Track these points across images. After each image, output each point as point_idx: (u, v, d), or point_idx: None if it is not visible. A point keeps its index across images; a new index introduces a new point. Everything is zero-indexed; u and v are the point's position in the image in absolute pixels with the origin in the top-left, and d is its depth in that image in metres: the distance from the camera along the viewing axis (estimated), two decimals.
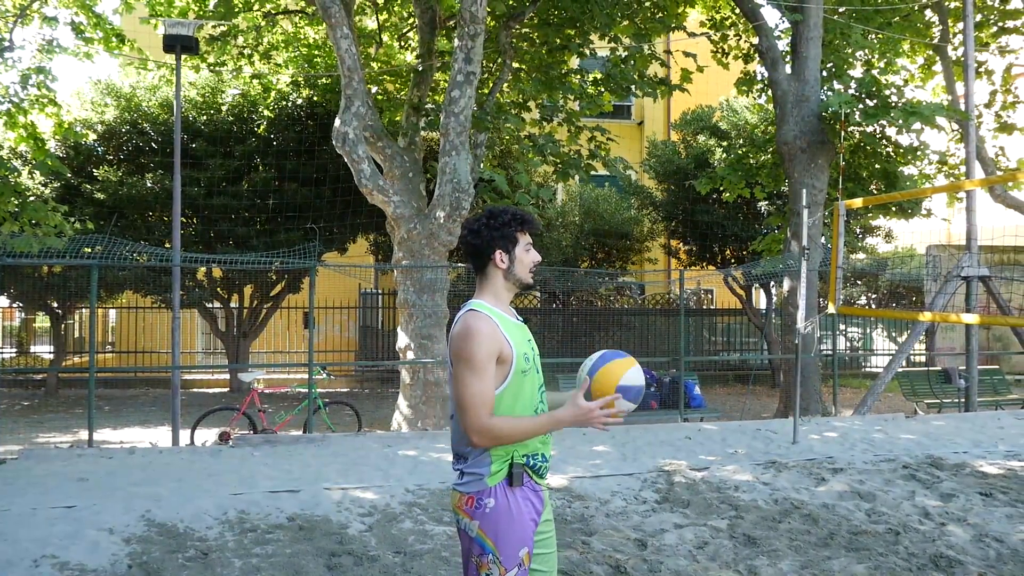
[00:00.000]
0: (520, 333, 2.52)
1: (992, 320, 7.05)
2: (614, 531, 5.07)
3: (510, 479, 2.40)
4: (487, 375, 2.36)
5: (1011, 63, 15.07)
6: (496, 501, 2.40)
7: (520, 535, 2.41)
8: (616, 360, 2.43)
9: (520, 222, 2.52)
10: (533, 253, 2.56)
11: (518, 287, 2.56)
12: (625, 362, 2.43)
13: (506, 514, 2.40)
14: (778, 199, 15.74)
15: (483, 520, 2.40)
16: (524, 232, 2.53)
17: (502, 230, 2.50)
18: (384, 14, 12.99)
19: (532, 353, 2.52)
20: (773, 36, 11.34)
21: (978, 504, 5.69)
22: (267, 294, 15.37)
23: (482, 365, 2.36)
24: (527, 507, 2.44)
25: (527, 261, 2.53)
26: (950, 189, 8.96)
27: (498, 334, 2.41)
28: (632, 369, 2.42)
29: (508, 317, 2.51)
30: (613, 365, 2.41)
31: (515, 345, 2.43)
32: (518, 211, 2.54)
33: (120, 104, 13.64)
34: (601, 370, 2.40)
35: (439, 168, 9.03)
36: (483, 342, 2.36)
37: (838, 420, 9.69)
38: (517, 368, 2.43)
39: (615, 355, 2.46)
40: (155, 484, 6.01)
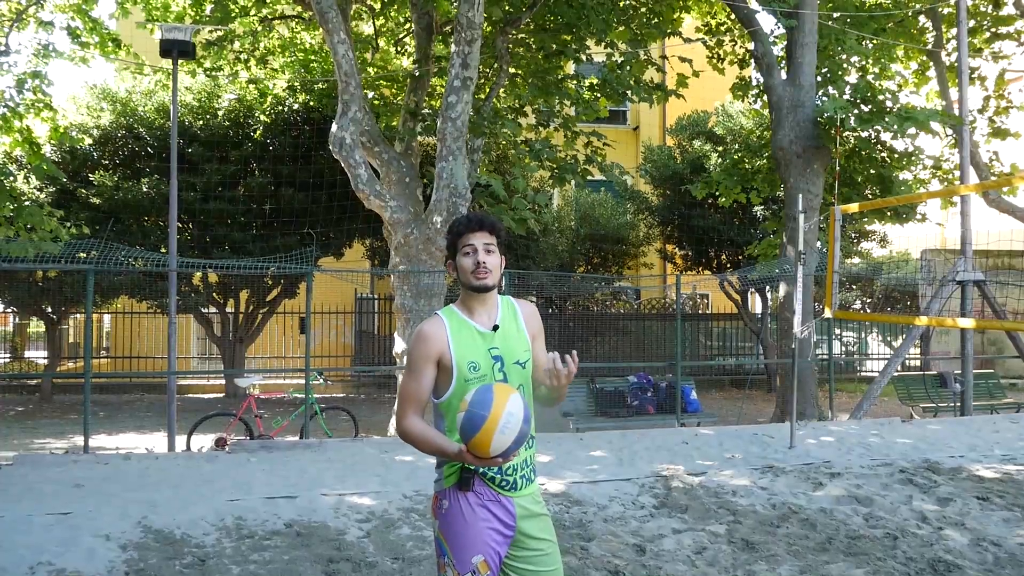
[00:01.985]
0: (480, 341, 2.50)
1: (988, 324, 7.08)
2: (612, 536, 5.06)
3: (459, 483, 2.43)
4: (420, 376, 2.45)
5: (1004, 69, 15.16)
6: (450, 504, 2.44)
7: (474, 541, 2.39)
8: (479, 432, 2.22)
9: (452, 231, 2.58)
10: (471, 257, 2.52)
11: (471, 290, 2.54)
12: (486, 429, 2.21)
13: (459, 518, 2.41)
14: (773, 204, 15.78)
15: (441, 521, 2.46)
16: (461, 237, 2.54)
17: (448, 240, 2.61)
18: (381, 19, 13.00)
19: (489, 363, 2.48)
20: (768, 42, 11.38)
21: (975, 508, 5.70)
22: (263, 299, 15.33)
23: (417, 365, 2.46)
24: (484, 514, 2.42)
25: (465, 265, 2.53)
26: (946, 194, 8.99)
27: (442, 340, 2.46)
28: (497, 433, 2.22)
29: (469, 323, 2.52)
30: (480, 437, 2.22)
31: (457, 353, 2.45)
32: (456, 219, 2.61)
33: (116, 109, 13.62)
34: (470, 443, 2.25)
35: (436, 173, 9.04)
36: (421, 344, 2.46)
37: (834, 424, 9.71)
38: (459, 375, 2.44)
39: (473, 422, 2.23)
40: (151, 490, 5.98)
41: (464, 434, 2.27)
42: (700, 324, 18.87)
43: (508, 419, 2.24)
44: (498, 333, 2.54)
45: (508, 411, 2.25)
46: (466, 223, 2.55)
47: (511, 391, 2.33)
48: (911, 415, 11.32)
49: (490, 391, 2.30)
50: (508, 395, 2.29)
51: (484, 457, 2.28)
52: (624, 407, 10.23)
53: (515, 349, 2.57)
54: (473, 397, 2.29)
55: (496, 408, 2.24)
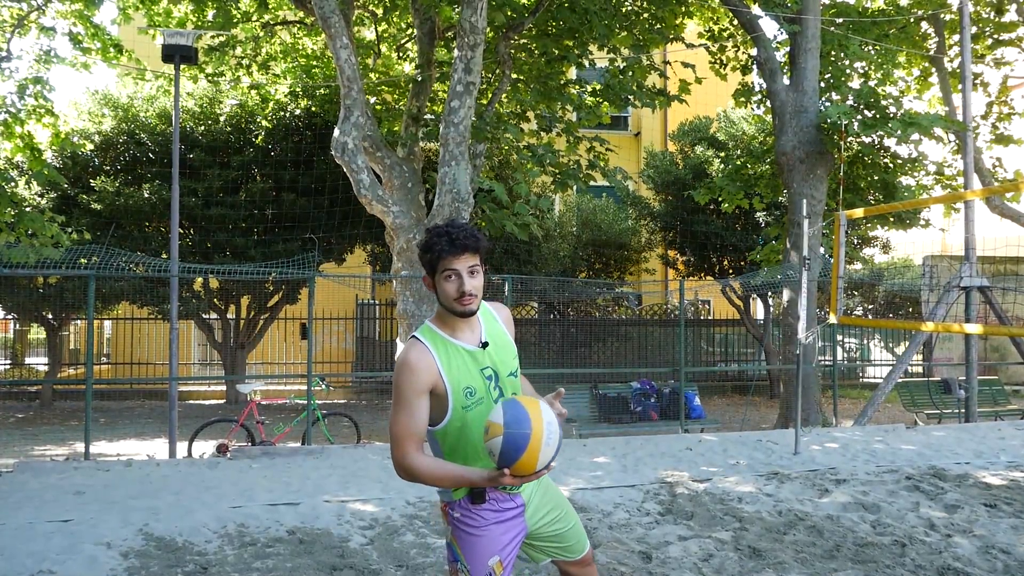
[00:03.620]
0: (471, 362, 2.34)
1: (996, 331, 7.04)
2: (618, 543, 5.02)
3: (472, 496, 2.37)
4: (413, 410, 2.25)
5: (1006, 75, 15.15)
6: (461, 513, 2.40)
7: (488, 546, 2.38)
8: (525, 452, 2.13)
9: (430, 250, 2.29)
10: (453, 282, 2.29)
11: (456, 315, 2.34)
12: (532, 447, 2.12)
13: (472, 527, 2.39)
14: (776, 210, 15.76)
15: (454, 528, 2.42)
16: (441, 260, 2.28)
17: (422, 256, 2.33)
18: (383, 25, 13.01)
19: (483, 384, 2.34)
20: (771, 47, 11.37)
21: (983, 515, 5.65)
22: (264, 305, 15.30)
23: (408, 400, 2.25)
24: (496, 516, 2.40)
25: (447, 291, 2.30)
26: (952, 199, 8.97)
27: (432, 370, 2.27)
28: (543, 447, 2.14)
29: (457, 344, 2.34)
30: (526, 457, 2.13)
31: (451, 381, 2.29)
32: (436, 236, 2.29)
33: (117, 115, 13.61)
34: (515, 466, 2.15)
35: (438, 178, 9.01)
36: (411, 376, 2.25)
37: (838, 431, 9.65)
38: (456, 404, 2.30)
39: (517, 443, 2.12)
40: (153, 497, 5.94)
41: (507, 456, 2.13)
42: (702, 330, 18.82)
43: (549, 429, 2.17)
44: (488, 350, 2.40)
45: (547, 421, 2.17)
46: (449, 247, 2.26)
47: (535, 401, 2.23)
48: (915, 421, 11.28)
49: (520, 406, 2.18)
50: (538, 406, 2.20)
51: (529, 474, 2.17)
52: (627, 413, 10.18)
53: (505, 361, 2.45)
54: (507, 418, 2.14)
55: (535, 422, 2.15)
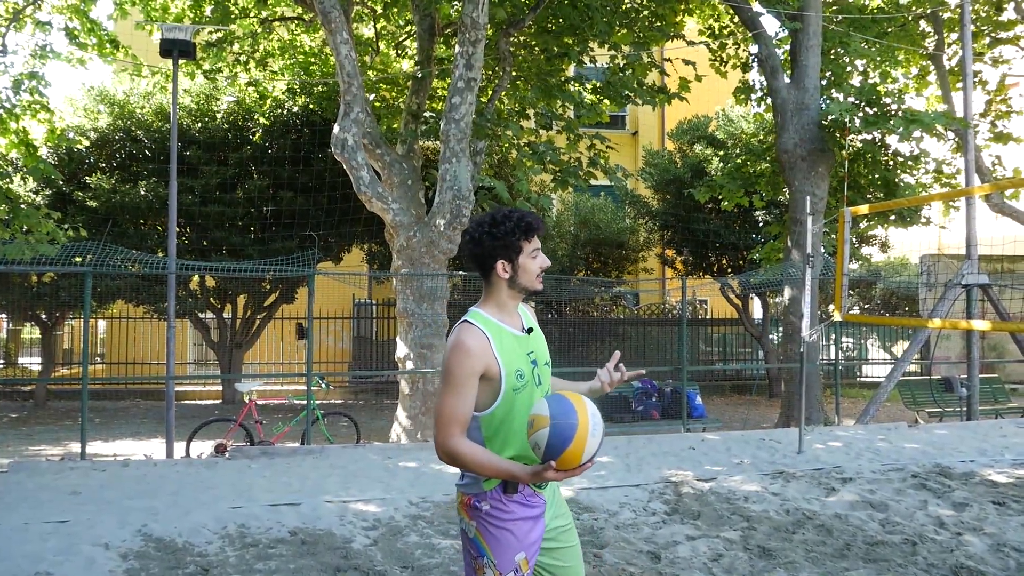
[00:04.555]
0: (519, 346, 2.42)
1: (1004, 327, 7.00)
2: (626, 543, 4.95)
3: (504, 486, 2.36)
4: (464, 393, 2.28)
5: (1004, 73, 15.14)
6: (491, 506, 2.37)
7: (517, 541, 2.37)
8: (572, 443, 2.14)
9: (524, 230, 2.38)
10: (541, 259, 2.42)
11: (524, 294, 2.46)
12: (579, 438, 2.14)
13: (501, 519, 2.37)
14: (775, 208, 15.72)
15: (480, 522, 2.38)
16: (529, 239, 2.39)
17: (505, 239, 2.37)
18: (381, 22, 12.92)
19: (529, 368, 2.41)
20: (772, 44, 11.32)
21: (992, 513, 5.61)
22: (261, 304, 15.19)
23: (460, 382, 2.28)
24: (524, 511, 2.39)
25: (532, 269, 2.40)
26: (958, 195, 8.92)
27: (487, 352, 2.31)
28: (589, 439, 2.17)
29: (507, 329, 2.41)
30: (572, 448, 2.15)
31: (505, 363, 2.34)
32: (523, 216, 2.39)
33: (113, 111, 13.49)
34: (561, 458, 2.16)
35: (439, 175, 8.93)
36: (466, 359, 2.28)
37: (840, 429, 9.61)
38: (508, 386, 2.34)
39: (564, 434, 2.14)
40: (151, 497, 5.85)
41: (553, 448, 2.15)
42: (700, 329, 18.78)
43: (594, 420, 2.19)
44: (532, 336, 2.48)
45: (591, 412, 2.20)
46: (537, 224, 2.38)
47: (578, 394, 2.26)
48: (916, 420, 11.24)
49: (565, 399, 2.21)
50: (581, 399, 2.23)
51: (574, 467, 2.17)
52: (629, 412, 10.13)
53: (542, 350, 2.54)
54: (553, 409, 2.17)
55: (581, 414, 2.17)
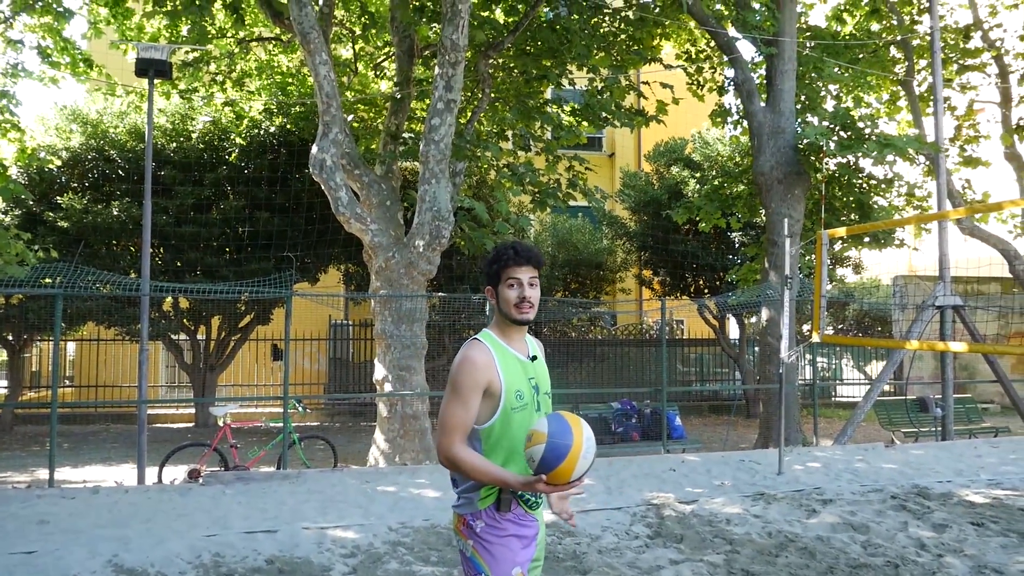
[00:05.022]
0: (522, 370, 2.55)
1: (981, 348, 7.09)
2: (609, 569, 4.89)
3: (498, 504, 2.47)
4: (468, 403, 2.42)
5: (972, 99, 15.52)
6: (485, 523, 2.48)
7: (512, 555, 2.47)
8: (564, 461, 2.26)
9: (497, 260, 2.56)
10: (515, 290, 2.54)
11: (509, 321, 2.57)
12: (571, 457, 2.26)
13: (496, 536, 2.47)
14: (751, 229, 15.87)
15: (476, 541, 2.48)
16: (506, 268, 2.54)
17: (488, 268, 2.60)
18: (360, 43, 12.93)
19: (530, 392, 2.55)
20: (748, 69, 11.49)
21: (971, 535, 5.63)
22: (235, 325, 14.98)
23: (465, 393, 2.42)
24: (514, 528, 2.50)
25: (507, 297, 2.55)
26: (934, 218, 9.07)
27: (491, 367, 2.46)
28: (581, 460, 2.28)
29: (510, 351, 2.55)
30: (564, 466, 2.27)
31: (507, 381, 2.47)
32: (504, 248, 2.58)
33: (86, 130, 13.30)
34: (552, 474, 2.28)
35: (419, 196, 8.90)
36: (472, 372, 2.43)
37: (819, 450, 9.65)
38: (506, 405, 2.46)
39: (558, 452, 2.25)
40: (122, 526, 5.69)
41: (546, 464, 2.27)
42: (677, 349, 18.83)
43: (588, 444, 2.32)
44: (535, 363, 2.63)
45: (586, 436, 2.33)
46: (514, 256, 2.54)
47: (577, 418, 2.39)
48: (892, 440, 11.32)
49: (564, 420, 2.33)
50: (579, 422, 2.36)
51: (563, 483, 2.30)
52: (608, 434, 10.08)
53: (545, 380, 2.67)
54: (552, 428, 2.30)
55: (576, 436, 2.30)
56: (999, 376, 10.75)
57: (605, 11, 11.61)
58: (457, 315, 13.26)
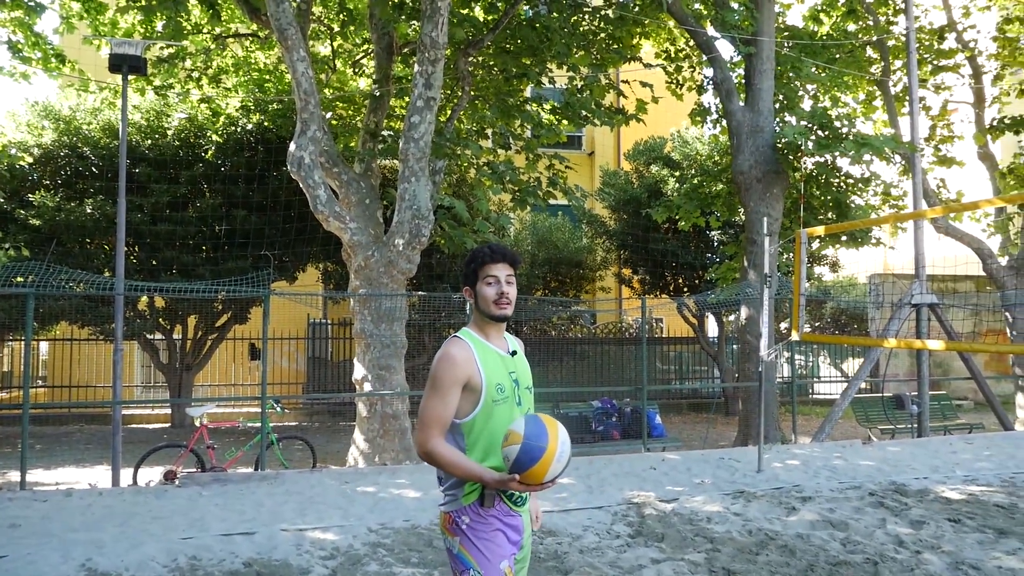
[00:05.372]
0: (500, 364, 2.61)
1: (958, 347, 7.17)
2: (591, 568, 4.87)
3: (481, 500, 2.51)
4: (447, 398, 2.48)
5: (946, 100, 15.71)
6: (471, 519, 2.52)
7: (498, 550, 2.52)
8: (538, 463, 2.32)
9: (475, 259, 2.65)
10: (493, 287, 2.62)
11: (488, 318, 2.64)
12: (545, 459, 2.32)
13: (483, 531, 2.51)
14: (730, 228, 15.96)
15: (463, 537, 2.53)
16: (483, 267, 2.62)
17: (466, 268, 2.68)
18: (338, 40, 12.81)
19: (511, 386, 2.60)
20: (727, 68, 11.54)
21: (948, 531, 5.69)
22: (212, 325, 14.80)
23: (445, 387, 2.48)
24: (500, 525, 2.54)
25: (486, 295, 2.62)
26: (912, 217, 9.16)
27: (471, 362, 2.52)
28: (554, 462, 2.34)
29: (490, 347, 2.62)
30: (538, 467, 2.32)
31: (487, 375, 2.53)
32: (481, 248, 2.67)
33: (58, 127, 13.05)
34: (525, 474, 2.33)
35: (398, 194, 8.83)
36: (452, 367, 2.49)
37: (797, 447, 9.72)
38: (488, 396, 2.52)
39: (532, 453, 2.31)
40: (96, 529, 5.58)
41: (520, 464, 2.32)
42: (656, 348, 18.90)
43: (562, 447, 2.37)
44: (516, 358, 2.69)
45: (561, 440, 2.38)
46: (490, 254, 2.63)
47: (555, 421, 2.44)
48: (869, 437, 11.43)
49: (541, 422, 2.38)
50: (556, 425, 2.41)
51: (535, 484, 2.35)
52: (589, 433, 10.08)
53: (526, 375, 2.73)
54: (528, 429, 2.35)
55: (552, 439, 2.35)
56: (974, 373, 10.90)
57: (585, 9, 11.60)
58: (436, 314, 13.19)
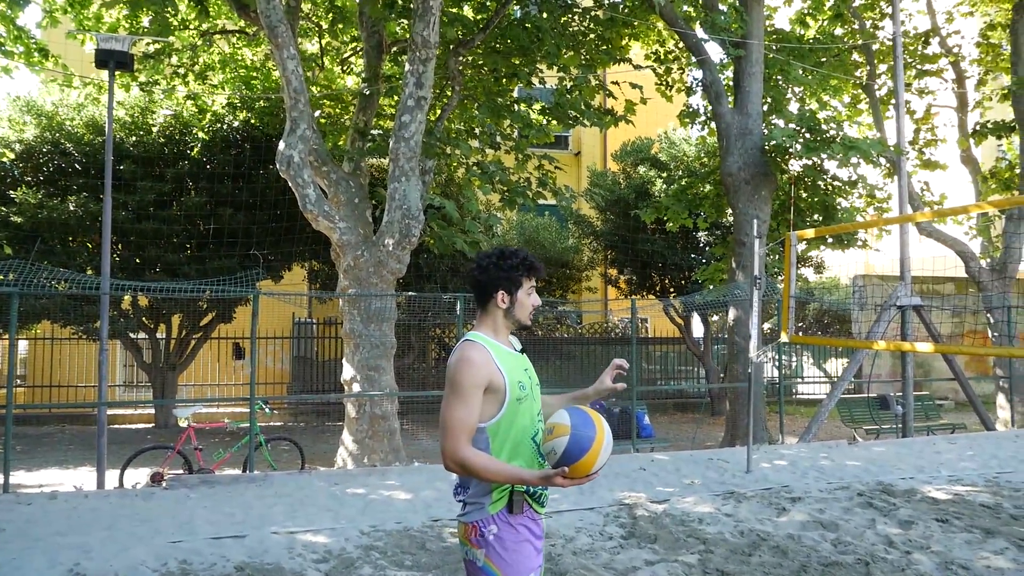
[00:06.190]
0: (515, 362, 2.56)
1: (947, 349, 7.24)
2: (585, 571, 4.87)
3: (510, 506, 2.45)
4: (471, 403, 2.40)
5: (930, 104, 15.89)
6: (499, 528, 2.44)
7: (527, 561, 2.45)
8: (587, 453, 2.29)
9: (527, 268, 2.59)
10: (534, 297, 2.64)
11: (515, 326, 2.64)
12: (594, 449, 2.29)
13: (511, 541, 2.44)
14: (716, 230, 16.04)
15: (488, 549, 2.44)
16: (530, 277, 2.60)
17: (509, 272, 2.57)
18: (327, 37, 12.73)
19: (529, 381, 2.57)
20: (716, 70, 11.59)
21: (937, 531, 5.75)
22: (196, 324, 14.65)
23: (468, 392, 2.40)
24: (527, 534, 2.48)
25: (527, 304, 2.61)
26: (902, 221, 9.27)
27: (491, 364, 2.45)
28: (602, 452, 2.32)
29: (504, 347, 2.57)
30: (587, 458, 2.29)
31: (508, 374, 2.48)
32: (527, 256, 2.61)
33: (41, 123, 12.86)
34: (574, 466, 2.29)
35: (388, 194, 8.79)
36: (472, 371, 2.41)
37: (784, 448, 9.78)
38: (512, 396, 2.47)
39: (582, 444, 2.28)
40: (83, 533, 5.50)
41: (570, 456, 2.28)
42: (643, 348, 18.95)
43: (608, 436, 2.35)
44: (524, 355, 2.67)
45: (607, 429, 2.36)
46: (536, 265, 2.61)
47: (595, 412, 2.41)
48: (854, 437, 11.53)
49: (586, 413, 2.35)
50: (598, 415, 2.38)
51: (582, 476, 2.30)
52: None
53: (533, 372, 2.70)
54: (575, 420, 2.32)
55: (599, 427, 2.32)
56: (956, 374, 11.03)
57: (575, 10, 11.61)
58: (423, 314, 13.14)
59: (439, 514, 6.17)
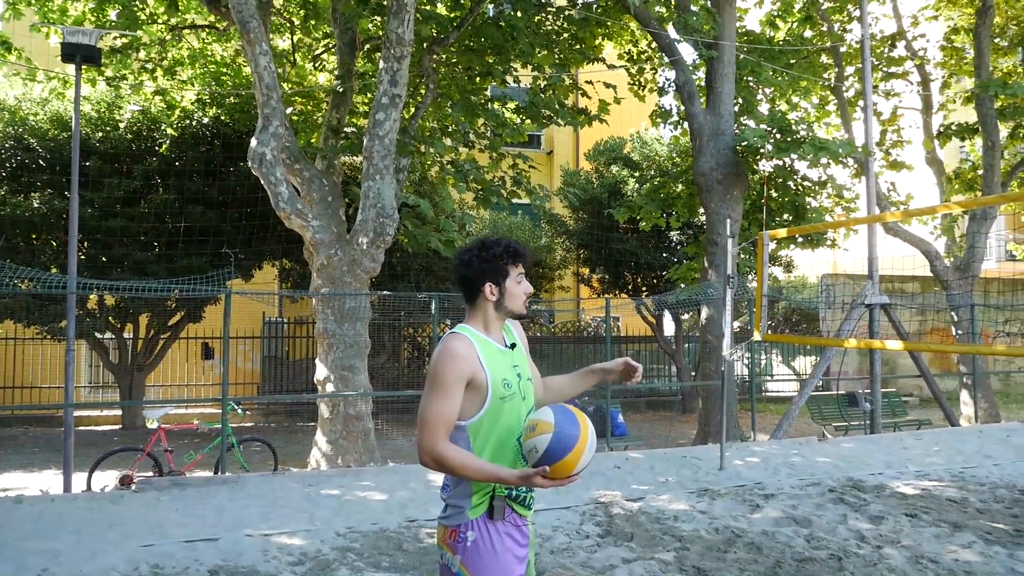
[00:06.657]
0: (503, 359, 2.46)
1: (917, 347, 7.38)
2: (563, 569, 4.88)
3: (490, 512, 2.36)
4: (452, 397, 2.31)
5: (896, 106, 16.18)
6: (477, 535, 2.34)
7: (504, 571, 2.34)
8: (570, 452, 2.22)
9: (512, 255, 2.49)
10: (525, 284, 2.53)
11: (509, 317, 2.54)
12: (578, 449, 2.22)
13: (488, 549, 2.34)
14: (688, 229, 16.17)
15: (464, 555, 2.34)
16: (516, 264, 2.49)
17: (493, 263, 2.47)
18: (299, 33, 12.59)
19: (516, 380, 2.46)
20: (689, 71, 11.68)
21: (907, 526, 5.85)
22: (165, 323, 14.41)
23: (449, 386, 2.31)
24: (510, 542, 2.38)
25: (518, 293, 2.51)
26: (871, 221, 9.43)
27: (474, 358, 2.36)
28: (586, 452, 2.25)
29: (492, 343, 2.47)
30: (570, 458, 2.22)
31: (492, 371, 2.38)
32: (510, 243, 2.50)
33: (3, 117, 12.55)
34: (555, 466, 2.22)
35: (362, 192, 8.72)
36: (454, 363, 2.32)
37: (756, 445, 9.89)
38: (495, 394, 2.37)
39: (565, 442, 2.21)
40: (50, 538, 5.38)
41: (552, 455, 2.20)
42: (615, 346, 19.05)
43: (592, 436, 2.28)
44: (515, 351, 2.55)
45: (591, 428, 2.29)
46: (521, 251, 2.50)
47: (580, 410, 2.34)
48: (823, 434, 11.71)
49: (570, 411, 2.28)
50: (583, 414, 2.31)
51: (564, 477, 2.23)
52: None
53: (525, 365, 2.59)
54: (558, 418, 2.24)
55: (583, 427, 2.25)
56: (922, 371, 11.25)
57: (549, 9, 11.62)
58: (397, 313, 13.07)
59: (415, 515, 6.15)
